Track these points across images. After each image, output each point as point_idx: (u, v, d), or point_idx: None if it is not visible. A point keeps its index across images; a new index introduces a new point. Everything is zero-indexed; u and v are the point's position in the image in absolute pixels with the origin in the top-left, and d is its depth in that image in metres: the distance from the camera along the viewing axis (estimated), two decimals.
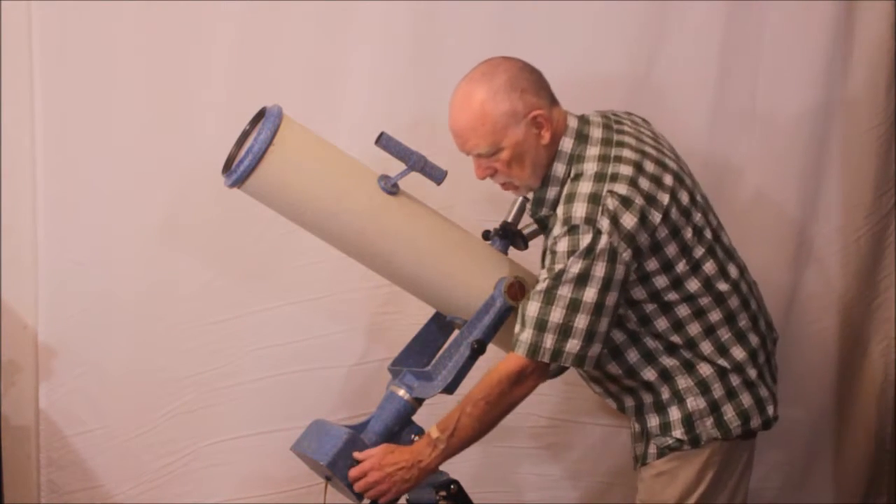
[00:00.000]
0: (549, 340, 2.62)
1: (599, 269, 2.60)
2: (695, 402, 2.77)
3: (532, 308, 2.64)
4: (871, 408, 3.72)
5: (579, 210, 2.61)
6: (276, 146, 2.60)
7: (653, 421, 2.80)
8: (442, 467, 2.81)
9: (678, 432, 2.77)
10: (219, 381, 3.43)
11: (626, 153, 2.69)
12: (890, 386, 3.69)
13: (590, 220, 2.60)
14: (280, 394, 3.44)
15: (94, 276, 3.36)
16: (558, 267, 2.61)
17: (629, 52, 3.44)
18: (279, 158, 2.62)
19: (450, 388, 2.74)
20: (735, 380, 2.79)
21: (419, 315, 2.96)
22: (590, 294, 2.61)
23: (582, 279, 2.60)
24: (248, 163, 2.59)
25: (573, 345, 2.62)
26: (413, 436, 2.77)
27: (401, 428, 2.78)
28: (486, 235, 2.93)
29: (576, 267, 2.60)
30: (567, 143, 2.72)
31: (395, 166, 2.75)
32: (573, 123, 2.75)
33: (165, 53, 3.32)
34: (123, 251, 3.37)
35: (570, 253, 2.60)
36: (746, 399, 2.80)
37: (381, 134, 2.70)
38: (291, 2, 3.33)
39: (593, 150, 2.71)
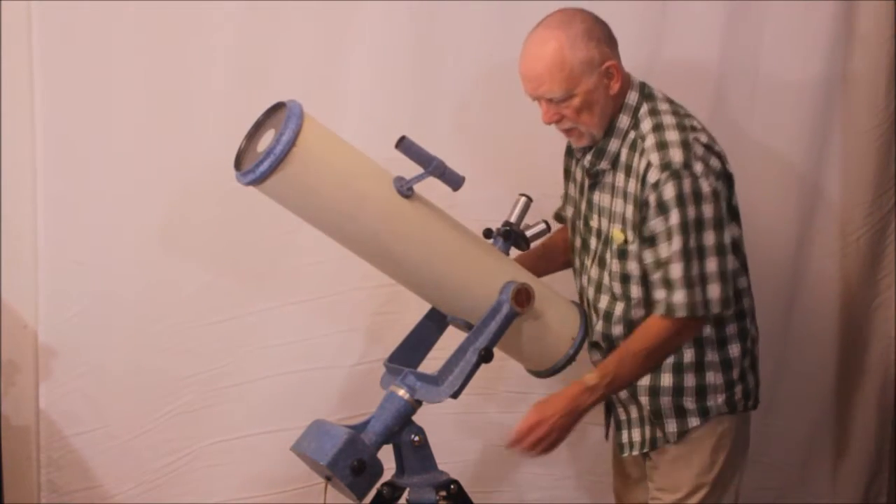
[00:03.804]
0: (698, 294, 2.70)
1: (709, 211, 2.69)
2: (713, 378, 2.83)
3: (675, 270, 2.69)
4: (871, 408, 3.72)
5: (676, 156, 2.70)
6: (298, 148, 2.53)
7: (666, 381, 2.83)
8: (441, 467, 2.82)
9: (689, 401, 2.82)
10: (219, 381, 3.43)
11: (693, 115, 2.83)
12: (890, 386, 3.69)
13: (687, 165, 2.69)
14: (280, 394, 3.44)
15: (94, 276, 3.36)
16: (674, 218, 2.68)
17: (629, 52, 3.42)
18: (300, 161, 2.55)
19: (456, 394, 2.76)
20: (747, 362, 2.87)
21: (419, 315, 2.96)
22: (709, 237, 2.70)
23: (699, 225, 2.68)
24: (269, 164, 2.52)
25: (714, 290, 2.70)
26: (413, 436, 2.78)
27: (401, 428, 2.78)
28: (488, 234, 2.94)
29: (691, 214, 2.68)
30: (633, 97, 2.80)
31: (394, 166, 2.75)
32: (636, 80, 2.83)
33: (165, 53, 3.32)
34: (123, 251, 3.37)
35: (678, 198, 2.67)
36: (752, 380, 2.89)
37: (403, 138, 2.65)
38: (291, 2, 3.33)
39: (664, 106, 2.80)
